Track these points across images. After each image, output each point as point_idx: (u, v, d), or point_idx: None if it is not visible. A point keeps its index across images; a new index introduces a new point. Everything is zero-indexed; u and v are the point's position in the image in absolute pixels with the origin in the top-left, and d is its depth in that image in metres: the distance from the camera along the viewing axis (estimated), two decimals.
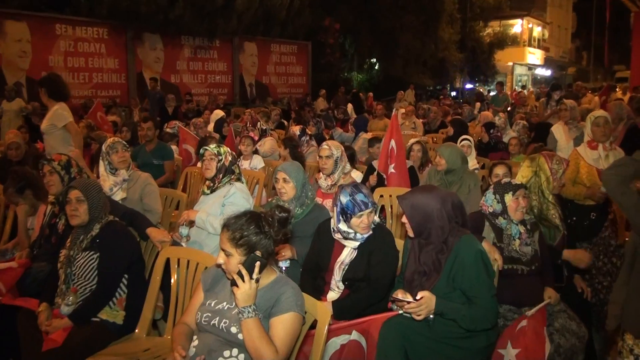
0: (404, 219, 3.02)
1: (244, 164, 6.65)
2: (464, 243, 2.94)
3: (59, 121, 5.75)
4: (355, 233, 3.34)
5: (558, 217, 4.05)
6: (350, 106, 15.62)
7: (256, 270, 2.42)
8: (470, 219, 3.78)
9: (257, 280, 2.43)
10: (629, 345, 2.78)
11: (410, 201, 3.01)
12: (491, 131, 8.31)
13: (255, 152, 7.02)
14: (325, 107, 17.49)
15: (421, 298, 2.80)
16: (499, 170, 4.87)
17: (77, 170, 4.14)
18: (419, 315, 2.81)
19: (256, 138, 7.81)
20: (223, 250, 2.49)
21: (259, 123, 9.80)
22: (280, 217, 2.57)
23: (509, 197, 3.62)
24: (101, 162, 4.78)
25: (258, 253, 2.47)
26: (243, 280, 2.39)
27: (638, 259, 2.75)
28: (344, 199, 3.30)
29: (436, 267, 2.94)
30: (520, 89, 28.25)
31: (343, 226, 3.35)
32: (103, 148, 4.78)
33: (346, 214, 3.30)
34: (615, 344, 3.17)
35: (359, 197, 3.29)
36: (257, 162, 6.74)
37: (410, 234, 3.05)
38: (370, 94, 19.55)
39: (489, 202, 3.71)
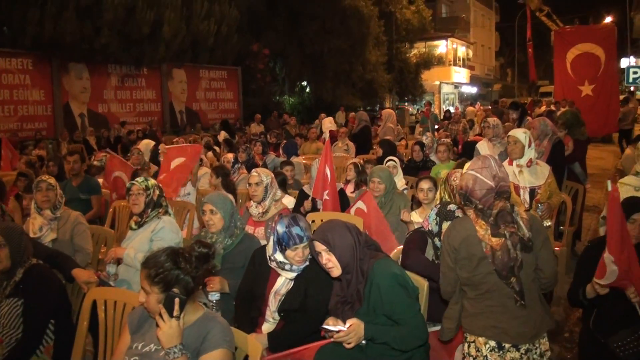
0: (328, 260, 2.96)
1: (180, 192, 6.59)
2: (378, 269, 2.93)
3: None
4: (292, 265, 3.30)
5: None
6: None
7: (176, 307, 2.37)
8: (415, 237, 3.87)
9: (178, 318, 2.38)
10: (475, 346, 2.93)
11: (335, 241, 2.95)
12: (424, 149, 8.51)
13: None
14: (260, 131, 17.50)
15: (350, 326, 2.82)
16: (424, 184, 4.96)
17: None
18: (349, 344, 2.83)
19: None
20: (143, 288, 2.44)
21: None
22: (199, 253, 2.53)
23: (445, 225, 3.70)
24: (32, 200, 4.67)
25: (176, 290, 2.42)
26: (164, 320, 2.35)
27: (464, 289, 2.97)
28: (281, 229, 3.25)
29: (359, 297, 2.95)
30: (464, 106, 29.10)
31: (279, 256, 3.30)
32: (33, 185, 4.66)
33: (281, 245, 3.26)
34: None
35: (295, 230, 3.24)
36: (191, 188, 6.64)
37: (337, 273, 2.98)
38: (293, 118, 19.71)
39: (430, 221, 3.80)
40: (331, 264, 2.95)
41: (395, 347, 2.87)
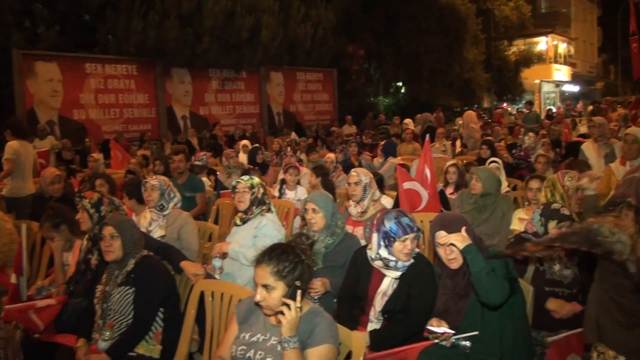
0: (452, 252, 2.98)
1: (289, 195, 6.65)
2: (493, 249, 3.02)
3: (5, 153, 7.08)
4: (397, 261, 3.27)
5: None
6: None
7: (298, 298, 2.44)
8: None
9: (301, 309, 2.45)
10: (599, 351, 2.81)
11: (470, 229, 3.00)
12: (513, 151, 8.24)
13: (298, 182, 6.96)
14: (352, 132, 17.54)
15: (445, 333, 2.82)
16: (534, 184, 4.91)
17: (111, 208, 4.19)
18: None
19: (300, 168, 7.71)
20: (265, 285, 2.48)
21: (298, 152, 9.91)
22: (309, 244, 2.65)
23: (552, 225, 3.60)
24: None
25: (298, 282, 2.49)
26: (289, 309, 2.41)
27: (605, 279, 2.78)
28: (389, 222, 3.25)
29: (468, 289, 2.95)
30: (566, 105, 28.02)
31: (384, 252, 3.28)
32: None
33: (389, 238, 3.23)
34: None
35: (405, 220, 3.25)
36: (302, 193, 6.64)
37: (456, 265, 3.01)
38: (397, 117, 19.52)
39: (535, 222, 3.72)
40: (454, 255, 2.97)
41: (475, 281, 2.82)
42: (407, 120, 14.32)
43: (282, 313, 2.41)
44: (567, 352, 3.29)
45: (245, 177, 4.32)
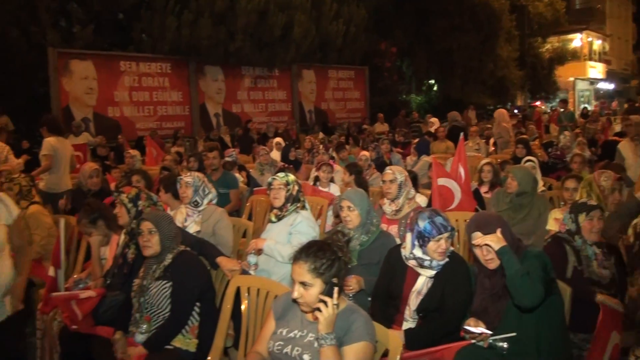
0: (489, 252, 2.96)
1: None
2: (531, 250, 2.99)
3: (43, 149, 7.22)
4: (431, 260, 3.24)
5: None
6: None
7: (335, 295, 2.45)
8: (549, 250, 3.72)
9: (338, 306, 2.46)
10: (637, 355, 2.79)
11: (507, 229, 2.99)
12: (549, 150, 8.13)
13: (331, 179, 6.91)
14: (384, 130, 17.47)
15: (482, 334, 2.80)
16: (570, 184, 4.86)
17: (148, 203, 4.23)
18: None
19: (334, 165, 7.63)
20: (302, 283, 2.49)
21: (330, 150, 9.91)
22: (346, 240, 2.66)
23: (582, 217, 3.58)
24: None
25: (335, 280, 2.49)
26: (327, 306, 2.41)
27: None
28: (423, 222, 3.21)
29: (506, 290, 2.91)
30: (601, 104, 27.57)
31: (418, 252, 3.25)
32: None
33: (423, 238, 3.20)
34: None
35: (439, 219, 3.21)
36: (335, 190, 6.62)
37: (494, 266, 2.99)
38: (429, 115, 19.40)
39: (565, 221, 3.71)
40: (491, 255, 2.95)
41: (510, 282, 2.81)
42: (434, 119, 14.22)
43: (319, 310, 2.42)
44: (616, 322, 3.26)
45: (281, 174, 4.34)
